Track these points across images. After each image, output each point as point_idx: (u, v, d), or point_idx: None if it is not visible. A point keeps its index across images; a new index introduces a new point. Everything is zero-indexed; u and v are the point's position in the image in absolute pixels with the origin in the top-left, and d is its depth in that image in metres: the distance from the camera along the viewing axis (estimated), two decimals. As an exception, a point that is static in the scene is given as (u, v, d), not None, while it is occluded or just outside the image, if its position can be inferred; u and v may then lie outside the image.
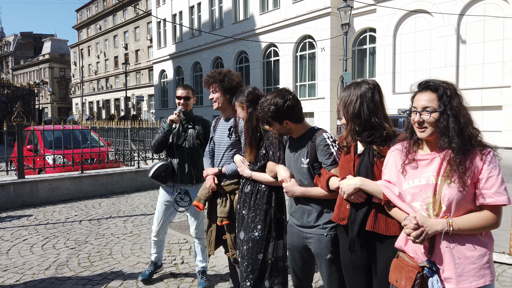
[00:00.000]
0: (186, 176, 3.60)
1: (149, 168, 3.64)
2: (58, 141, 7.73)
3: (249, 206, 2.63)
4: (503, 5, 14.77)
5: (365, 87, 2.03)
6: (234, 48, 28.11)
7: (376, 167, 1.99)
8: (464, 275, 1.66)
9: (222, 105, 3.07)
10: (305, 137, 2.32)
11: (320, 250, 2.27)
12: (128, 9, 46.86)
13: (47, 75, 67.91)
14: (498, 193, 1.61)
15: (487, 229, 1.67)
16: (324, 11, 21.19)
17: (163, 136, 3.58)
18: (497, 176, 1.63)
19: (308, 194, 2.27)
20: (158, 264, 3.85)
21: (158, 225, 3.75)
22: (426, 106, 1.71)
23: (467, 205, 1.67)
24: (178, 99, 3.64)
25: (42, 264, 4.21)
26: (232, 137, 2.99)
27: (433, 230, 1.64)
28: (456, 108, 1.67)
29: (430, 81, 1.75)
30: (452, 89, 1.71)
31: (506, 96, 14.88)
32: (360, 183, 1.94)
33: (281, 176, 2.36)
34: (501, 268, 3.91)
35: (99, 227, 5.60)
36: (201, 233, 3.67)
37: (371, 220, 1.96)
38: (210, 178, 3.01)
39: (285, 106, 2.24)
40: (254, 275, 2.52)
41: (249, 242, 2.56)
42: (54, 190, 7.29)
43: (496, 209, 1.64)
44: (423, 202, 1.72)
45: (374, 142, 2.00)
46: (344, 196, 1.99)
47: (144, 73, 44.92)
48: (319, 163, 2.25)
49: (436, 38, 16.50)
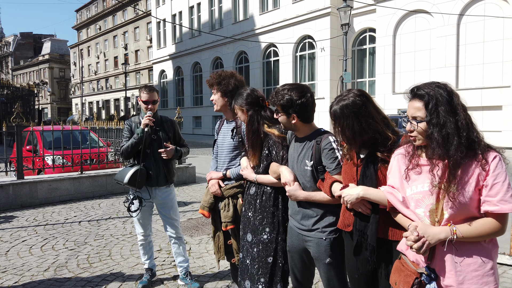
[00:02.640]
0: (161, 178, 3.60)
1: (120, 173, 3.54)
2: (57, 141, 7.72)
3: (255, 208, 2.59)
4: (503, 5, 14.76)
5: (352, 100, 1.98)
6: (234, 48, 28.09)
7: (381, 172, 1.95)
8: (465, 282, 1.62)
9: (221, 108, 3.05)
10: (310, 138, 2.28)
11: (319, 254, 2.24)
12: (128, 9, 46.85)
13: (47, 76, 67.89)
14: (503, 200, 1.56)
15: (491, 236, 1.63)
16: (323, 11, 21.17)
17: (136, 142, 3.49)
18: (503, 182, 1.57)
19: (312, 199, 2.23)
20: (153, 271, 3.82)
21: (143, 228, 3.72)
22: (415, 116, 1.68)
23: (470, 212, 1.62)
24: (145, 104, 3.56)
25: (41, 265, 4.19)
26: (235, 139, 2.96)
27: (436, 239, 1.60)
28: (444, 116, 1.60)
29: (419, 87, 1.70)
30: (441, 94, 1.63)
31: (506, 96, 14.86)
32: (362, 193, 1.89)
33: (285, 178, 2.31)
34: (502, 269, 3.90)
35: (98, 228, 5.58)
36: (180, 233, 3.70)
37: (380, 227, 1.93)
38: (214, 183, 2.97)
39: (299, 101, 2.20)
40: (266, 278, 2.49)
41: (259, 244, 2.53)
42: (53, 191, 7.28)
43: (501, 217, 1.59)
44: (426, 209, 1.68)
45: (378, 150, 1.97)
46: (347, 206, 1.96)
47: (144, 73, 44.91)
48: (323, 166, 2.21)
49: (436, 38, 16.48)
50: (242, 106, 2.66)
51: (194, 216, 6.16)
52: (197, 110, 32.08)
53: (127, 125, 3.70)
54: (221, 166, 3.03)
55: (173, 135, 3.74)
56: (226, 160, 3.00)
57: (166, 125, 3.70)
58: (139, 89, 3.65)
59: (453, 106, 1.63)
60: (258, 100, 2.66)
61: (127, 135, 3.63)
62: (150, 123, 3.48)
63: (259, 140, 2.60)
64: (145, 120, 3.47)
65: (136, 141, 3.49)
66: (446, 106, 1.62)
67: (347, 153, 2.07)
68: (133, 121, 3.73)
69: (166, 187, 3.67)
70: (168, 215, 3.68)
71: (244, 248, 2.66)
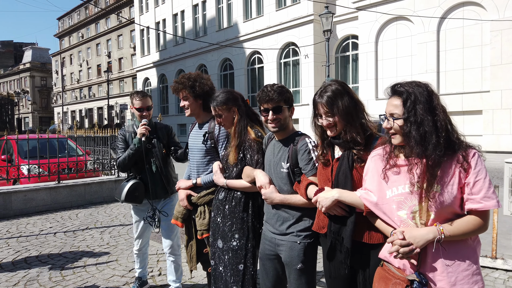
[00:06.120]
0: (160, 190, 3.41)
1: (118, 191, 3.34)
2: (34, 150, 7.48)
3: (224, 214, 2.50)
4: (480, 11, 15.10)
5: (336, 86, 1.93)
6: (218, 55, 28.06)
7: (356, 171, 1.87)
8: (458, 283, 1.56)
9: (195, 112, 2.90)
10: (288, 141, 2.22)
11: (291, 259, 2.15)
12: (111, 17, 46.46)
13: (28, 84, 66.55)
14: (486, 197, 1.54)
15: (475, 233, 1.60)
16: (307, 19, 21.35)
17: (133, 153, 3.29)
18: (484, 179, 1.55)
19: (287, 202, 2.15)
20: (143, 279, 3.64)
21: (140, 239, 3.55)
22: (392, 113, 1.63)
23: (454, 211, 1.59)
24: (139, 111, 3.34)
25: (11, 279, 3.98)
26: (207, 144, 2.80)
27: (425, 241, 1.55)
28: (422, 114, 1.56)
29: (399, 84, 1.65)
30: (420, 92, 1.59)
31: (485, 101, 15.15)
32: (337, 195, 1.82)
33: (260, 182, 2.23)
34: (484, 272, 3.87)
35: (74, 239, 5.37)
36: (176, 249, 3.45)
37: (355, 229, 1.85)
38: (183, 197, 2.82)
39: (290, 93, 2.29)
40: (238, 286, 2.40)
41: (229, 252, 2.44)
42: (28, 202, 7.02)
43: (484, 214, 1.57)
44: (409, 210, 1.61)
45: (356, 143, 1.88)
46: (322, 209, 1.88)
47: (127, 81, 44.43)
48: (299, 168, 2.15)
49: (416, 45, 16.74)
50: (229, 104, 2.50)
51: (175, 224, 6.01)
52: (181, 118, 31.81)
53: (121, 135, 3.46)
54: (194, 172, 2.89)
55: (167, 142, 3.50)
56: (200, 166, 2.86)
57: (160, 133, 3.47)
58: (131, 95, 3.42)
59: (432, 106, 1.58)
60: (238, 97, 2.57)
61: (122, 146, 3.41)
62: (146, 133, 3.26)
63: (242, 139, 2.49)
64: (141, 129, 3.25)
65: (133, 152, 3.28)
66: (425, 104, 1.57)
67: (322, 155, 2.00)
68: (126, 130, 3.50)
69: (167, 198, 3.47)
70: (165, 229, 3.43)
71: (216, 254, 2.55)
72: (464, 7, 15.48)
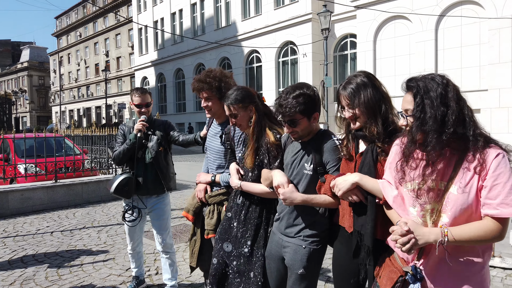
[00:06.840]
0: (152, 185, 3.39)
1: (110, 182, 3.36)
2: (32, 149, 7.45)
3: (239, 219, 2.39)
4: (478, 10, 15.10)
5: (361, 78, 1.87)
6: (217, 54, 28.01)
7: (381, 164, 1.80)
8: (458, 284, 1.51)
9: (217, 112, 2.73)
10: (311, 141, 2.08)
11: (293, 262, 2.08)
12: (109, 16, 46.33)
13: (25, 83, 66.33)
14: (504, 204, 1.38)
15: (488, 241, 1.45)
16: (305, 17, 21.32)
17: (129, 148, 3.31)
18: (505, 184, 1.39)
19: (311, 202, 1.99)
20: (140, 278, 3.63)
21: (131, 239, 3.55)
22: (406, 109, 1.57)
23: (471, 215, 1.46)
24: (138, 108, 3.37)
25: (7, 279, 3.96)
26: (226, 145, 2.70)
27: (425, 240, 1.44)
28: (429, 108, 1.46)
29: (412, 79, 1.57)
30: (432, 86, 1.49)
31: (483, 100, 15.15)
32: (358, 178, 1.76)
33: (277, 181, 2.04)
34: (482, 270, 3.86)
35: (71, 238, 5.35)
36: (169, 247, 3.45)
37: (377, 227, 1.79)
38: (201, 190, 2.74)
39: (316, 96, 2.00)
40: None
41: (240, 257, 2.35)
42: (25, 201, 6.99)
43: (501, 221, 1.41)
44: (421, 208, 1.54)
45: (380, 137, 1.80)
46: (339, 193, 1.80)
47: (125, 80, 44.33)
48: (323, 167, 2.03)
49: (415, 44, 16.73)
50: (248, 103, 2.31)
51: (172, 224, 5.98)
52: (180, 117, 31.78)
53: (121, 130, 3.53)
54: (211, 169, 2.82)
55: (166, 138, 3.46)
56: (215, 165, 2.78)
57: (158, 129, 3.45)
58: (131, 92, 3.48)
59: (445, 99, 1.47)
60: (258, 95, 2.41)
61: (120, 140, 3.46)
62: (143, 129, 3.28)
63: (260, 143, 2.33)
64: (138, 125, 3.29)
65: (128, 147, 3.31)
66: (436, 99, 1.47)
67: (345, 147, 1.95)
68: (126, 125, 3.56)
69: (157, 196, 3.45)
70: (156, 226, 3.45)
71: (220, 254, 2.45)
72: (462, 5, 15.48)
